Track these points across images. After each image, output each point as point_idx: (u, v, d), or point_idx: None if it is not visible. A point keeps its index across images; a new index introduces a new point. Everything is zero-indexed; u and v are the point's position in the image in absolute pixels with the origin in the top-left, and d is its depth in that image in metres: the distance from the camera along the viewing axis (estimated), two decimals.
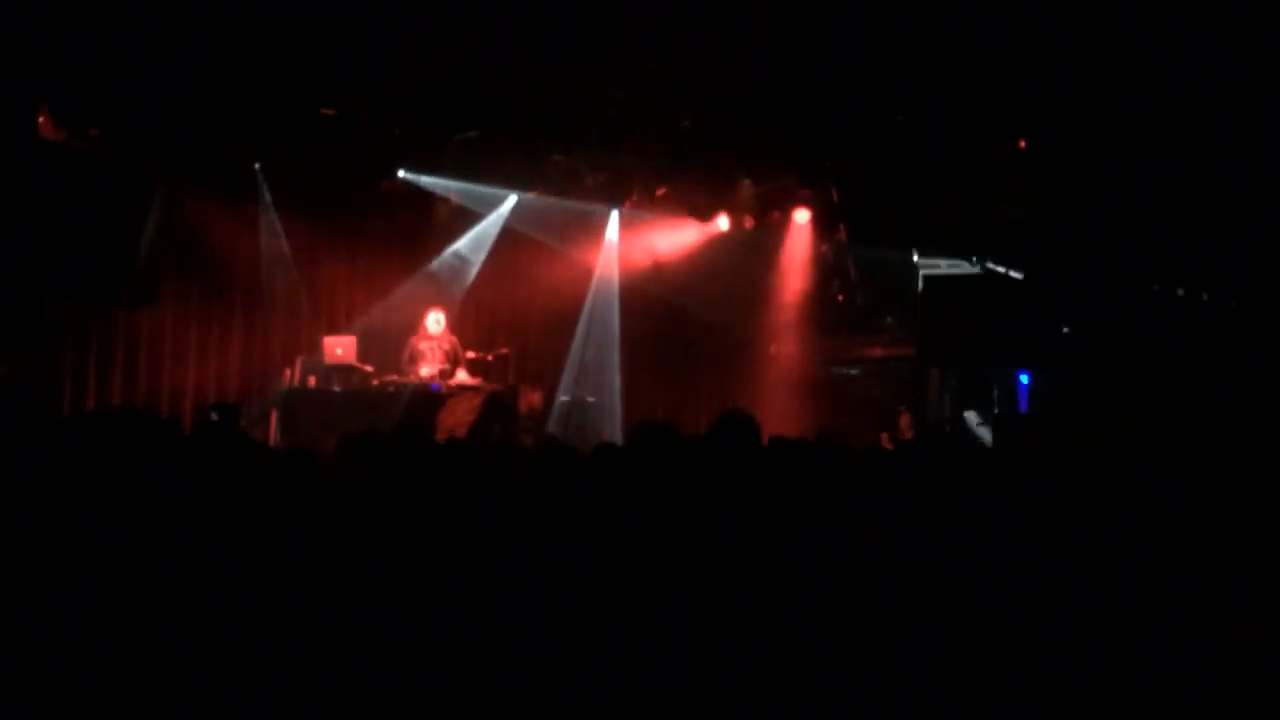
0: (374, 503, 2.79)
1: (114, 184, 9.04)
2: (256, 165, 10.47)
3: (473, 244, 11.86)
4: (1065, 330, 8.67)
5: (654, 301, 12.36)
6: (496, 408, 9.32)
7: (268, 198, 10.64)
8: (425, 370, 10.14)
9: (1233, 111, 7.32)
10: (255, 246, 10.69)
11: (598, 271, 12.38)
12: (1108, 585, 2.49)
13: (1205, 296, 7.72)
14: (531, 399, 9.04)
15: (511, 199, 11.81)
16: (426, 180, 11.06)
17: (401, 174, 10.94)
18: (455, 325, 10.85)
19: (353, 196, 10.98)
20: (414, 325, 10.71)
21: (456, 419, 9.20)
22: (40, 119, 8.48)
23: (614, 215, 12.18)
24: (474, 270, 11.81)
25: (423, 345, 10.36)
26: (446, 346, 10.42)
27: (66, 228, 8.57)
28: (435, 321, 10.45)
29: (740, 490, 2.81)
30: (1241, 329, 7.66)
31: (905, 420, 9.96)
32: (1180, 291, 7.83)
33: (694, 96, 9.12)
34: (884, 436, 9.70)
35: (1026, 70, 7.91)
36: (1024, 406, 9.72)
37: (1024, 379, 9.68)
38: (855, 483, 3.28)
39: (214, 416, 6.40)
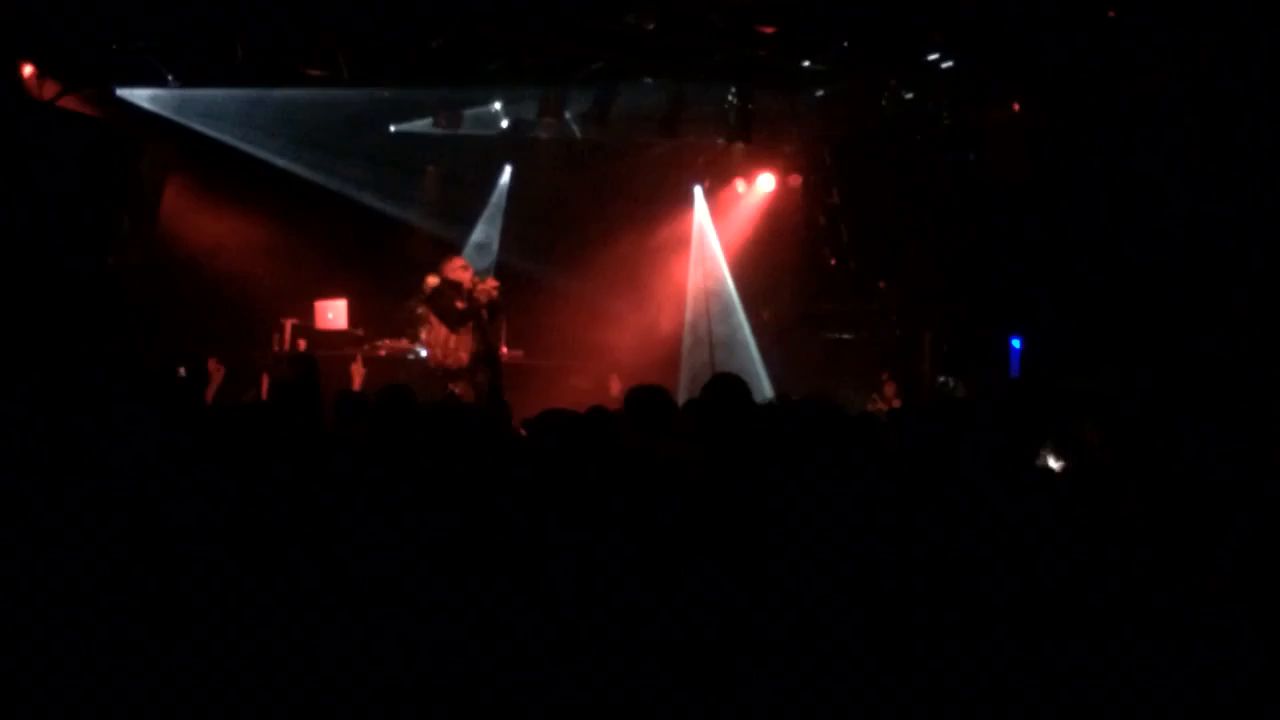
0: (364, 472, 2.77)
1: (100, 144, 8.93)
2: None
3: (487, 226, 11.87)
4: (1058, 294, 8.67)
5: (644, 263, 12.33)
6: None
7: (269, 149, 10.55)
8: (424, 333, 10.06)
9: (1231, 70, 7.29)
10: (245, 207, 10.59)
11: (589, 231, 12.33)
12: (1097, 563, 2.50)
13: (1204, 258, 7.72)
14: (487, 286, 9.02)
15: (507, 170, 11.78)
16: (419, 125, 10.96)
17: (393, 128, 10.83)
18: None
19: (344, 155, 10.88)
20: (408, 290, 10.66)
21: (446, 351, 9.09)
22: (24, 76, 8.35)
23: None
24: (496, 247, 11.83)
25: (421, 310, 10.31)
26: None
27: (53, 189, 8.47)
28: (431, 286, 10.38)
29: (740, 454, 2.81)
30: (1239, 295, 7.66)
31: (890, 388, 9.97)
32: (1178, 253, 7.83)
33: (687, 58, 9.03)
34: (874, 400, 9.71)
35: (1021, 32, 7.85)
36: (1015, 371, 9.73)
37: (1015, 344, 9.68)
38: (851, 448, 3.27)
39: (181, 372, 6.06)
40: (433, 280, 10.34)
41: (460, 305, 8.92)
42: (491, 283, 9.01)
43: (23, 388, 3.26)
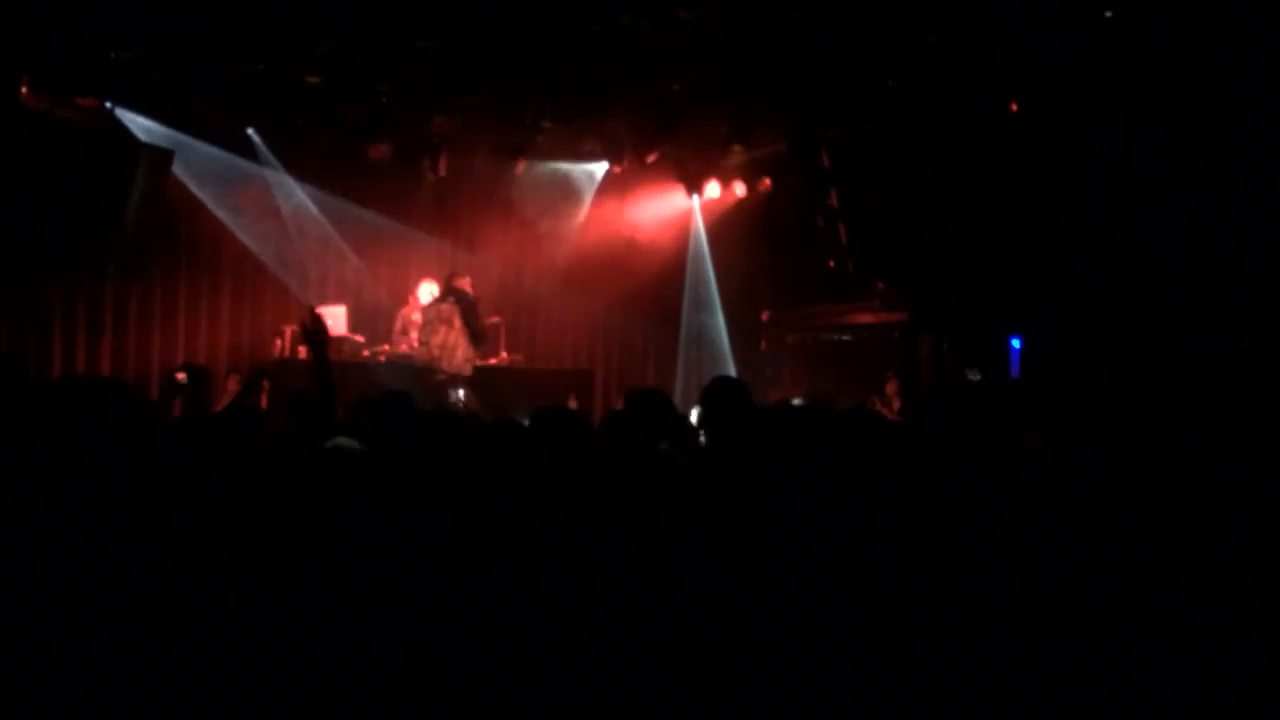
0: (370, 477, 2.76)
1: (99, 153, 8.93)
2: (250, 130, 10.34)
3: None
4: (1059, 294, 8.68)
5: (641, 268, 12.35)
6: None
7: (267, 157, 10.55)
8: (444, 337, 10.08)
9: (1230, 69, 7.30)
10: (244, 213, 10.61)
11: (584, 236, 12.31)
12: (1098, 563, 2.50)
13: (1204, 257, 7.73)
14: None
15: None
16: None
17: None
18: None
19: (340, 164, 10.85)
20: (404, 294, 10.67)
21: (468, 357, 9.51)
22: (22, 89, 8.36)
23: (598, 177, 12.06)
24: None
25: (415, 316, 10.31)
26: None
27: (52, 198, 8.48)
28: (427, 292, 10.40)
29: (740, 455, 2.81)
30: (1239, 294, 7.67)
31: (892, 386, 9.97)
32: (1178, 252, 7.84)
33: (684, 61, 9.03)
34: (875, 400, 9.71)
35: (1018, 32, 7.85)
36: (1015, 371, 9.74)
37: (1016, 344, 9.69)
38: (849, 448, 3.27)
39: (181, 379, 5.75)
40: (429, 282, 10.36)
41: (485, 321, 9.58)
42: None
43: (22, 395, 3.25)
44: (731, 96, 9.85)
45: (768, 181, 11.76)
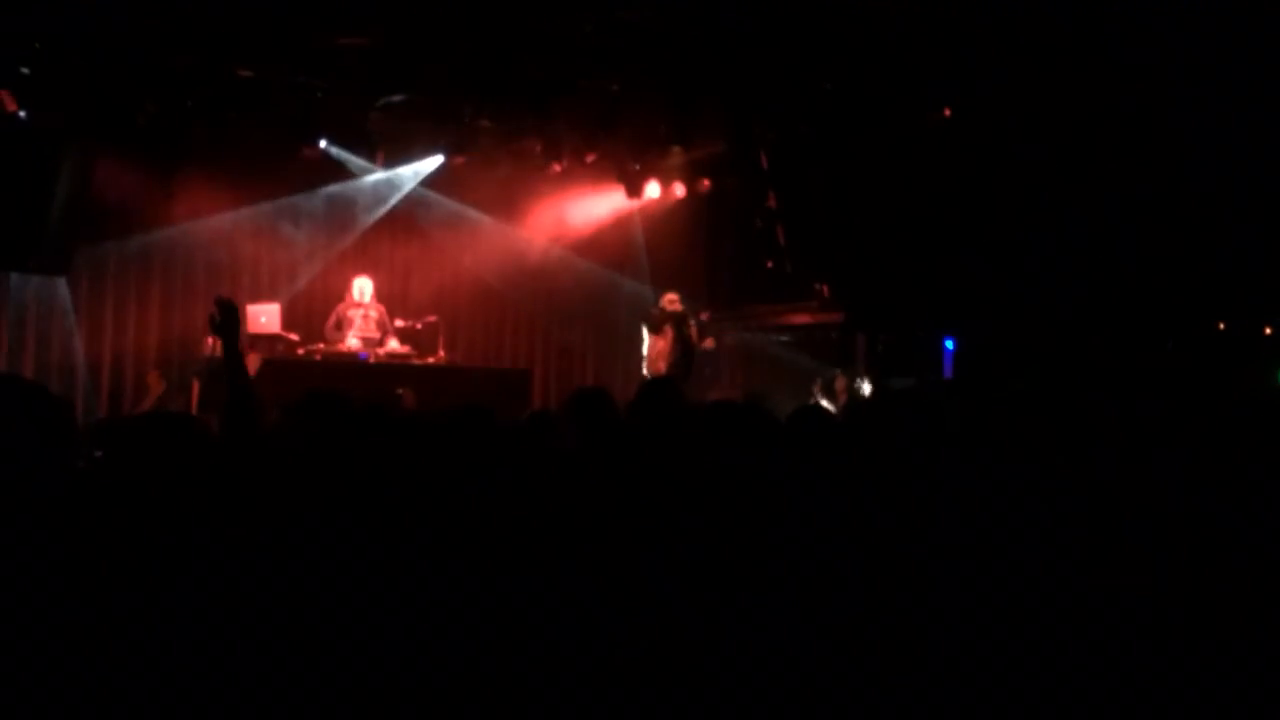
0: (333, 481, 2.71)
1: (22, 144, 8.68)
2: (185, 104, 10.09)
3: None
4: (991, 296, 8.82)
5: (580, 270, 12.35)
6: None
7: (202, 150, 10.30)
8: (353, 339, 10.04)
9: (1155, 74, 7.48)
10: (175, 211, 10.38)
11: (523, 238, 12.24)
12: (1041, 554, 2.53)
13: (1130, 263, 7.91)
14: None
15: (435, 160, 11.55)
16: (349, 157, 10.83)
17: (324, 144, 10.61)
18: (382, 292, 10.71)
19: (274, 162, 10.67)
20: (340, 293, 10.56)
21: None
22: None
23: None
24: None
25: (350, 313, 10.25)
26: (375, 314, 10.34)
27: None
28: (360, 290, 10.34)
29: (669, 457, 2.81)
30: (1162, 295, 7.87)
31: (841, 384, 10.09)
32: (1105, 258, 8.02)
33: (623, 61, 9.04)
34: (819, 394, 9.81)
35: (951, 40, 7.98)
36: (949, 372, 9.89)
37: (949, 344, 9.84)
38: (788, 444, 3.28)
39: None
40: (363, 279, 10.33)
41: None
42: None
43: None
44: (670, 97, 9.87)
45: (706, 183, 11.82)
